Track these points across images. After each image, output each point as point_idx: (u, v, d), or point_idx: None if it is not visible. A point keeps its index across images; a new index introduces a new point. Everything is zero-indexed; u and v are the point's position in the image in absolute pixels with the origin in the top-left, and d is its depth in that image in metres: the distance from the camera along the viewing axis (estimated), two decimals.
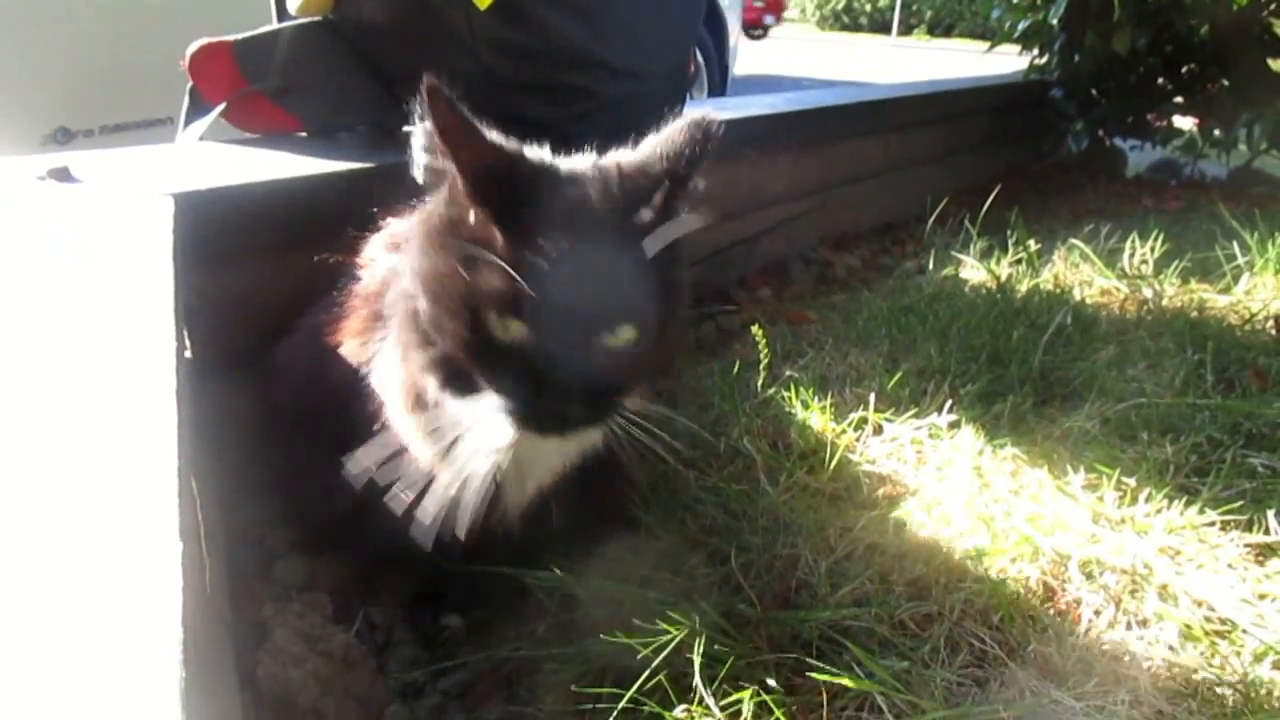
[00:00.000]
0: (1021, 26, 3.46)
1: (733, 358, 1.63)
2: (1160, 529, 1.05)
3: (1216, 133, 3.34)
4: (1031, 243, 2.00)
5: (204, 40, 1.40)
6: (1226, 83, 3.34)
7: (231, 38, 1.41)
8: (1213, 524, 1.05)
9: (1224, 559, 1.01)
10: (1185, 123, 3.56)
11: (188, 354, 0.95)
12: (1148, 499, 1.10)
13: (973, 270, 2.00)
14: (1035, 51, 3.58)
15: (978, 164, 3.44)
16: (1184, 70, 3.44)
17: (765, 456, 1.17)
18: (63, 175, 1.12)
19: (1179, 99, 3.51)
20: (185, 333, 1.03)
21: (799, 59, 12.86)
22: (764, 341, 1.32)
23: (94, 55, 2.19)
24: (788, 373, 1.45)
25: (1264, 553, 1.03)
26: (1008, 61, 3.75)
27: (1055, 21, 3.10)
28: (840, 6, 24.53)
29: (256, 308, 1.19)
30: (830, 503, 1.13)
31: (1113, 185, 3.51)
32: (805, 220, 2.38)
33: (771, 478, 1.15)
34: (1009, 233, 2.07)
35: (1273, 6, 3.14)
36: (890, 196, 2.81)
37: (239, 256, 1.18)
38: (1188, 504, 1.08)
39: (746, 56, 6.55)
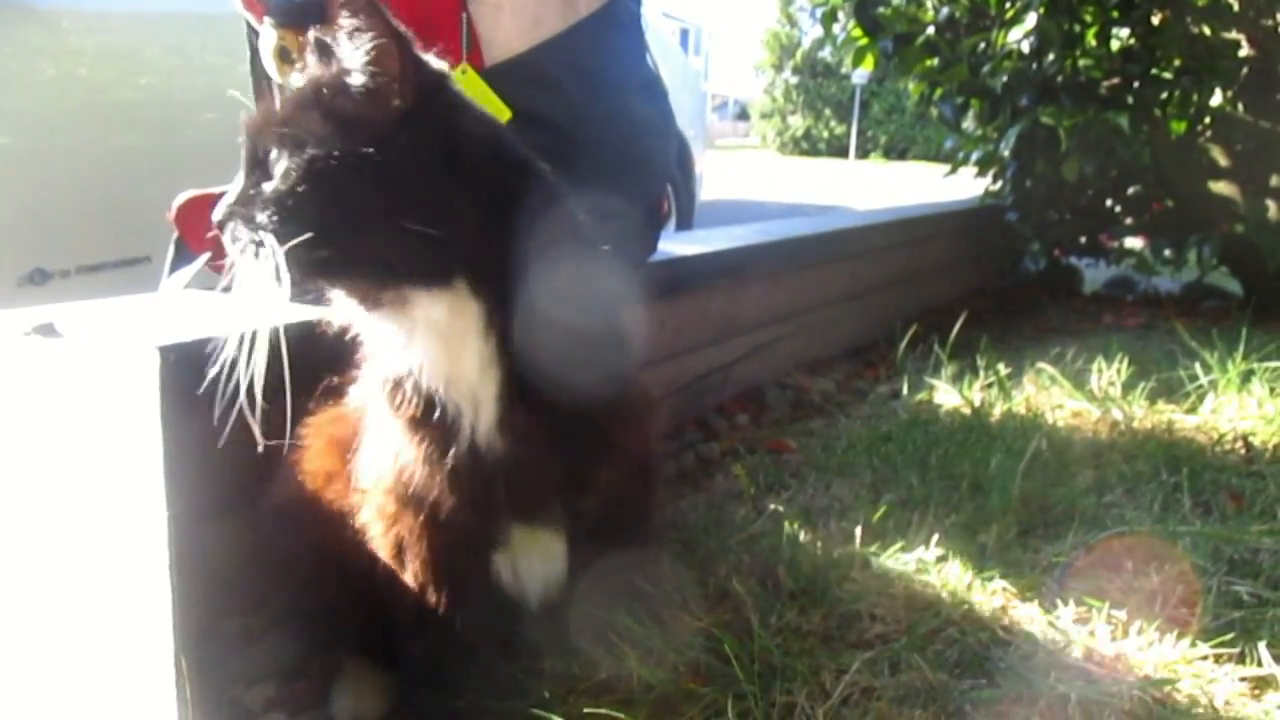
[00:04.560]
0: (975, 156, 3.63)
1: (715, 489, 1.63)
2: (1153, 664, 1.04)
3: (1167, 252, 3.48)
4: (1001, 366, 2.04)
5: (190, 192, 1.43)
6: (1172, 203, 3.50)
7: (217, 189, 1.44)
8: (1205, 657, 1.05)
9: (1220, 695, 1.00)
10: (1136, 242, 3.72)
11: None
12: (1139, 632, 1.10)
13: (946, 394, 2.03)
14: (989, 178, 3.75)
15: (942, 285, 3.54)
16: (1130, 192, 3.62)
17: (755, 597, 1.16)
18: (48, 331, 1.12)
19: (1128, 220, 3.67)
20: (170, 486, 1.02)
21: (764, 183, 13.33)
22: (747, 479, 1.33)
23: (70, 196, 2.18)
24: (772, 506, 1.45)
25: (1259, 686, 1.02)
26: (966, 182, 3.92)
27: (1006, 152, 3.26)
28: (799, 134, 25.64)
29: (240, 456, 1.18)
30: (823, 643, 1.12)
31: (1072, 302, 3.63)
32: (779, 345, 2.43)
33: (762, 619, 1.13)
34: (978, 356, 2.12)
35: (1208, 134, 3.34)
36: (859, 319, 2.87)
37: (224, 405, 1.17)
38: (1179, 636, 1.08)
39: (713, 180, 6.78)
